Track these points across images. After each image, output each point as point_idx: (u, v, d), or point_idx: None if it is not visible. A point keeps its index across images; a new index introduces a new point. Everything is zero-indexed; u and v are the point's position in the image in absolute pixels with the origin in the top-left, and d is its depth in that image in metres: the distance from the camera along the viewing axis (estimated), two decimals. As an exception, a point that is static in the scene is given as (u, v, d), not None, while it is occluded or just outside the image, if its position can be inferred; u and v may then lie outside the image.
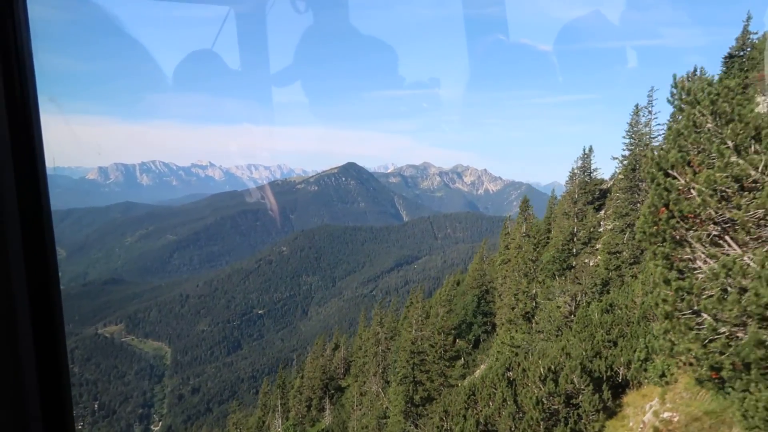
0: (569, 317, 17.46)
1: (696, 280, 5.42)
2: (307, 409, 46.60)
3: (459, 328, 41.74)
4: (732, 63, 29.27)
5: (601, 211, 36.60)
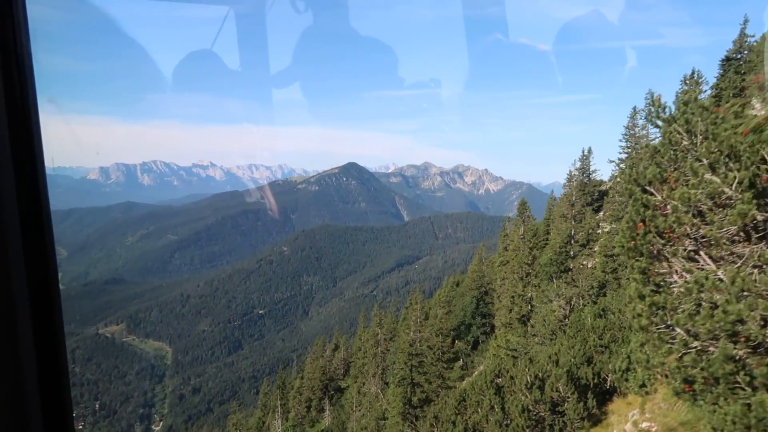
0: (563, 321, 17.58)
1: (671, 295, 5.56)
2: (307, 410, 46.75)
3: (458, 329, 41.86)
4: (729, 66, 29.34)
5: (600, 213, 36.69)
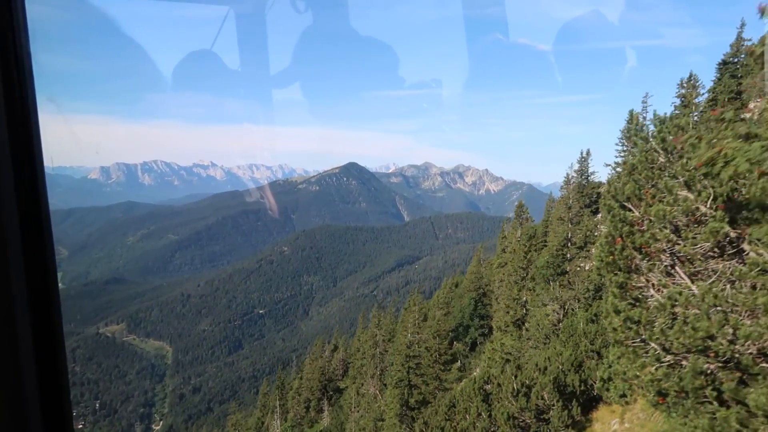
0: (557, 325, 17.68)
1: (647, 310, 5.69)
2: (306, 410, 46.89)
3: (456, 330, 41.99)
4: (726, 69, 29.43)
5: (598, 215, 36.77)
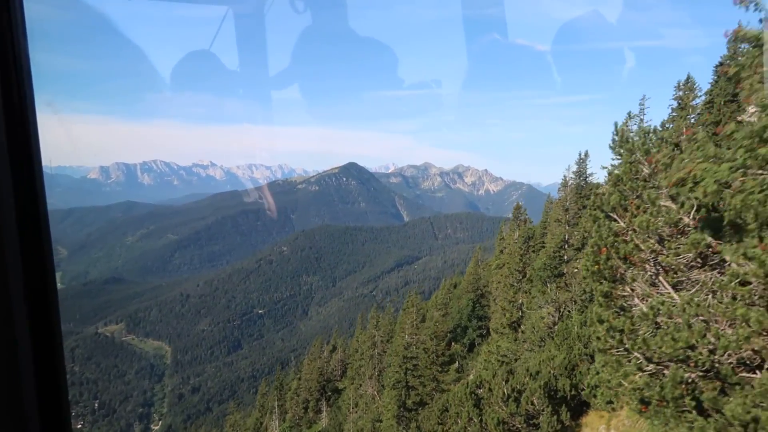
0: (552, 328, 17.78)
1: (630, 319, 5.78)
2: (304, 411, 46.95)
3: (454, 331, 42.08)
4: (723, 71, 29.57)
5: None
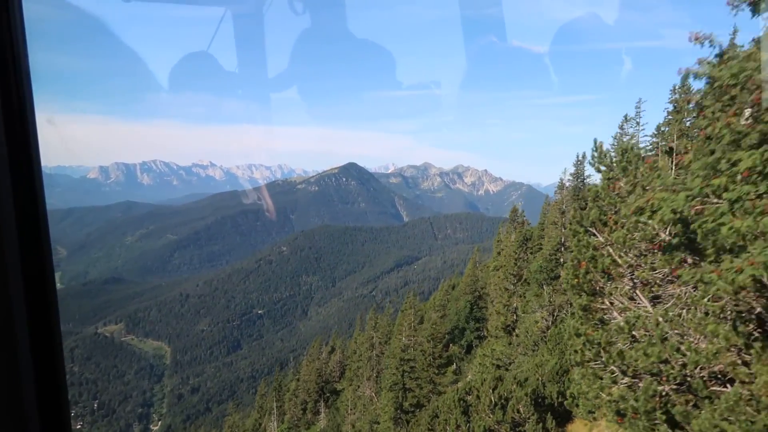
0: (546, 332, 17.93)
1: (608, 332, 5.92)
2: (303, 412, 47.05)
3: (452, 333, 42.18)
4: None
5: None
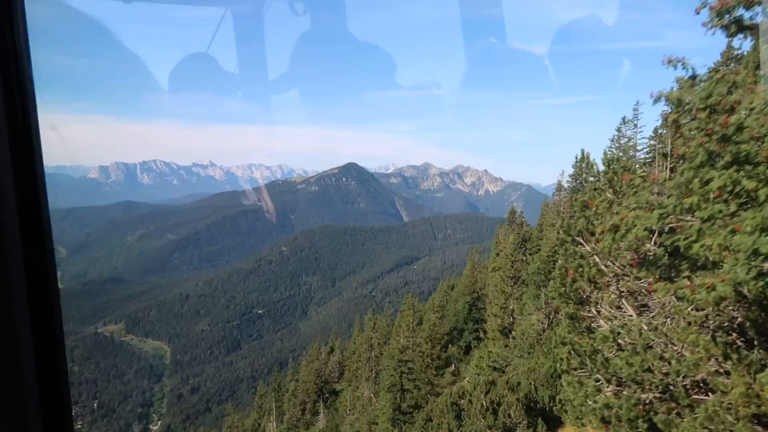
0: (542, 334, 18.02)
1: (592, 341, 6.01)
2: (302, 413, 47.13)
3: (451, 334, 42.24)
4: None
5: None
